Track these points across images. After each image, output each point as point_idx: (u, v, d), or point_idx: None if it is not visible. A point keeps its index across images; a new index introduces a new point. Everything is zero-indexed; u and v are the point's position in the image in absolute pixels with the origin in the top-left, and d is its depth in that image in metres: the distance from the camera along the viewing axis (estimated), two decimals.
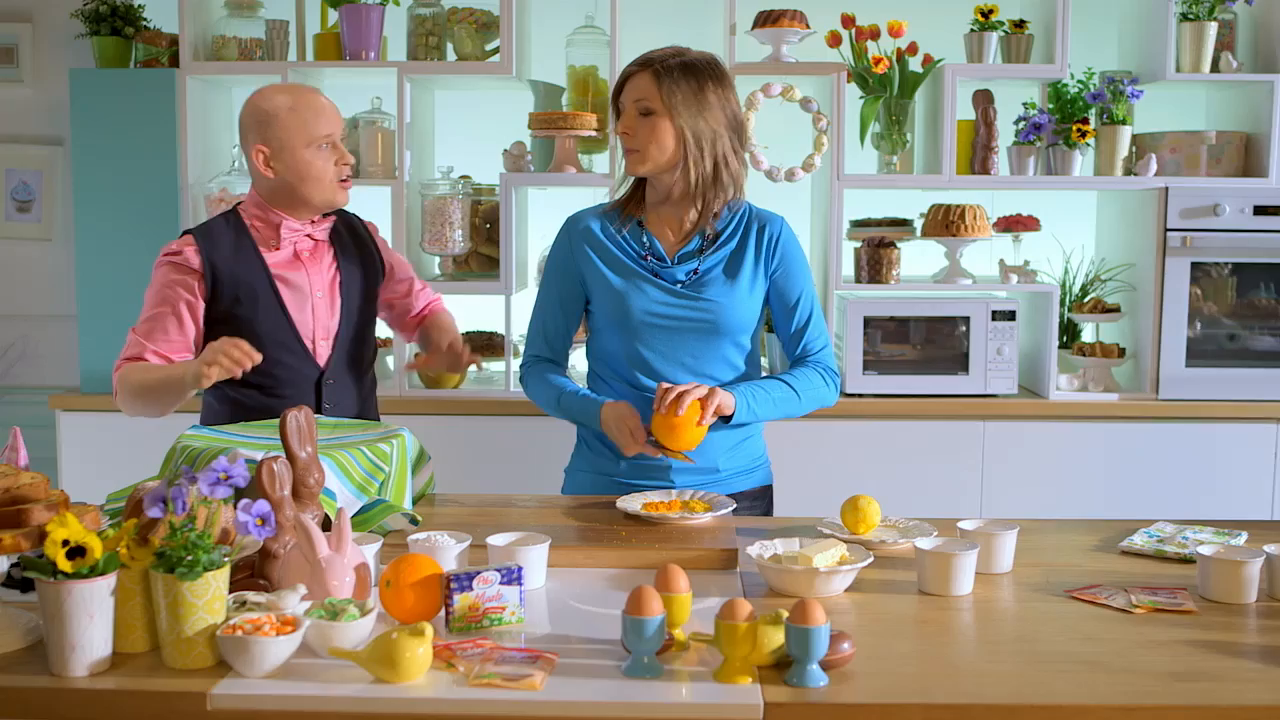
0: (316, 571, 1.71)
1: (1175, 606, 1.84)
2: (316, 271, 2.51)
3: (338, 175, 2.45)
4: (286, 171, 2.42)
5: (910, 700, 1.50)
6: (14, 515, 1.63)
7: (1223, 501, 3.58)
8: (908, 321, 3.70)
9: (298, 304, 2.47)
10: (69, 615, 1.52)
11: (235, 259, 2.45)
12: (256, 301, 2.44)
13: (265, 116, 2.41)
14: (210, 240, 2.46)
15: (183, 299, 2.43)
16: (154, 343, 2.43)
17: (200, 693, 1.50)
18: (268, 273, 2.46)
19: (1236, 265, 3.65)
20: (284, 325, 2.46)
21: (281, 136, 2.40)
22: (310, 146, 2.41)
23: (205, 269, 2.43)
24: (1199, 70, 3.63)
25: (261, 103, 2.43)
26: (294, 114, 2.40)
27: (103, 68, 3.73)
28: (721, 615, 1.55)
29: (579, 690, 1.53)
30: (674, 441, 2.27)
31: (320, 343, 2.50)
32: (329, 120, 2.44)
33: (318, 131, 2.41)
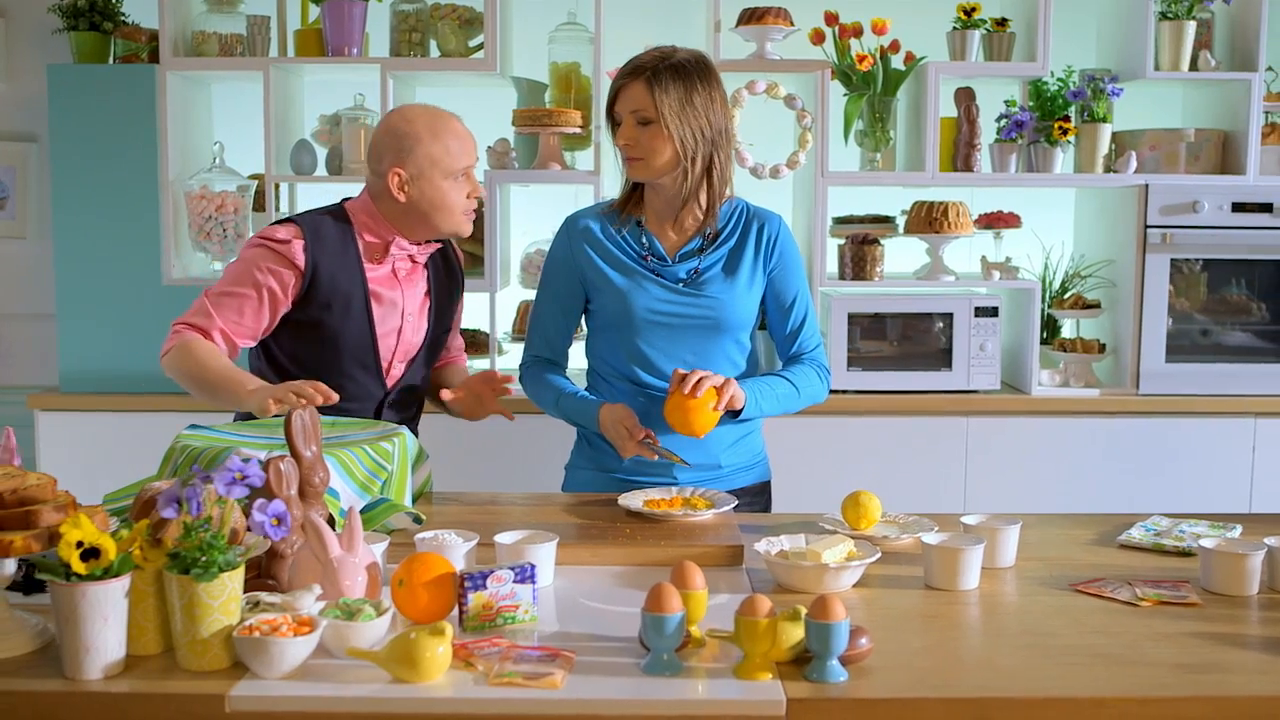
0: (328, 571, 1.70)
1: (1180, 599, 1.86)
2: (411, 293, 2.47)
3: (468, 206, 2.42)
4: (421, 199, 2.37)
5: (931, 694, 1.51)
6: (22, 517, 1.60)
7: (1202, 495, 3.62)
8: (891, 318, 3.72)
9: (387, 323, 2.44)
10: (83, 617, 1.50)
11: (338, 265, 2.39)
12: (348, 313, 2.39)
13: (408, 141, 2.36)
14: (319, 240, 2.39)
15: (271, 289, 2.36)
16: (223, 319, 2.35)
17: (218, 694, 1.49)
18: (365, 287, 2.41)
19: (1215, 261, 3.70)
20: (367, 343, 2.42)
21: (422, 163, 2.36)
22: (449, 178, 2.37)
23: (307, 269, 2.37)
24: (1178, 69, 3.67)
25: (404, 125, 2.37)
26: (437, 142, 2.35)
27: (81, 63, 3.68)
28: (742, 611, 1.55)
29: (599, 688, 1.53)
30: (686, 425, 2.27)
31: (396, 364, 2.47)
32: (469, 152, 2.40)
33: (459, 164, 2.37)
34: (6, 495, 1.63)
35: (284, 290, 2.37)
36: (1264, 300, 3.73)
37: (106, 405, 3.62)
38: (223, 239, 3.63)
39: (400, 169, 2.37)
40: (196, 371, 2.31)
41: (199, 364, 2.31)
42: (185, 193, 3.64)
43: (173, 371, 2.37)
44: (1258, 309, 3.74)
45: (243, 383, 2.23)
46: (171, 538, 1.60)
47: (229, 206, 3.62)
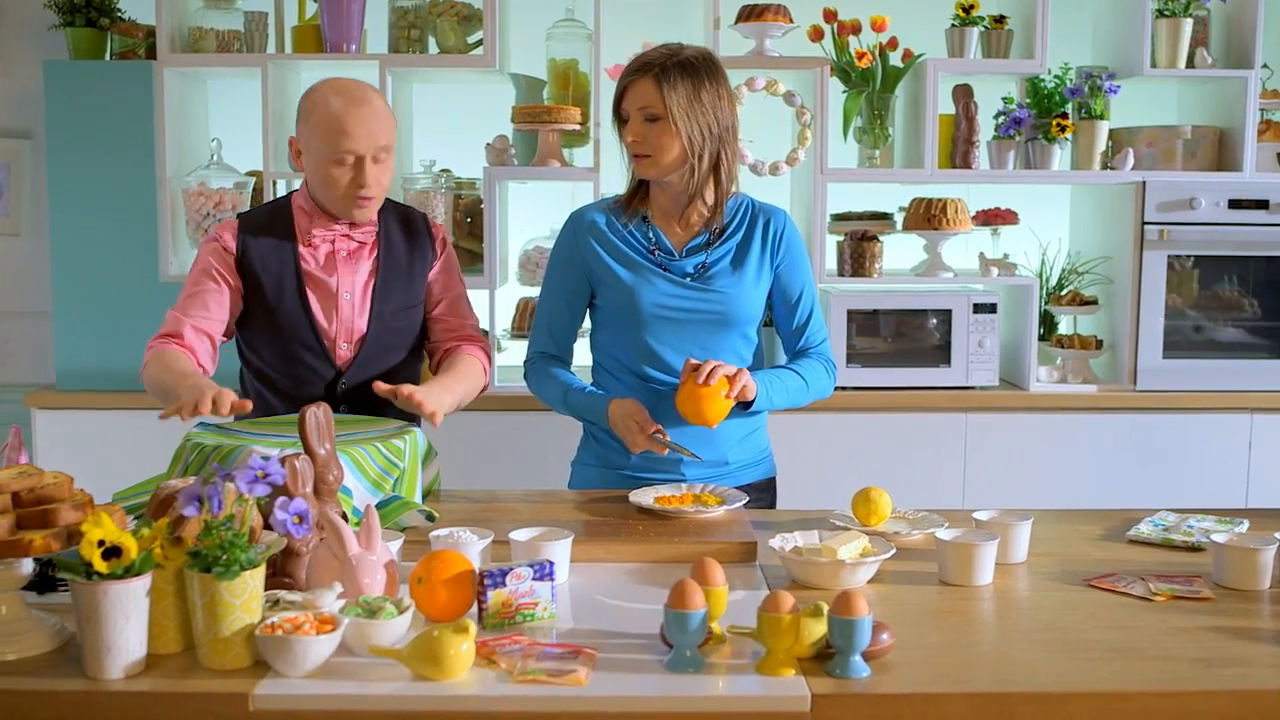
0: (347, 569, 1.69)
1: (1193, 594, 1.87)
2: (350, 272, 2.44)
3: (351, 192, 2.37)
4: (310, 173, 2.39)
5: (954, 689, 1.52)
6: (40, 515, 1.59)
7: (1199, 490, 3.64)
8: (890, 314, 3.73)
9: (323, 304, 2.43)
10: (105, 617, 1.49)
11: (269, 249, 2.42)
12: (281, 295, 2.41)
13: (303, 111, 2.37)
14: (250, 225, 2.44)
15: (220, 277, 2.41)
16: (191, 317, 2.38)
17: (242, 693, 1.48)
18: (297, 269, 2.41)
19: (1211, 258, 3.72)
20: (304, 324, 2.42)
21: (307, 136, 2.36)
22: (331, 157, 2.34)
23: (237, 251, 2.41)
24: (1175, 66, 3.69)
25: (312, 95, 2.37)
26: (325, 123, 2.32)
27: (77, 59, 3.66)
28: (765, 608, 1.56)
29: (623, 685, 1.53)
30: (699, 415, 2.27)
31: (341, 344, 2.44)
32: (356, 139, 2.32)
33: (339, 147, 2.32)
34: (23, 494, 1.62)
35: (232, 274, 2.41)
36: (1260, 296, 3.75)
37: (104, 403, 3.60)
38: None
39: (296, 139, 2.41)
40: (157, 377, 2.30)
41: (161, 370, 2.30)
42: (183, 190, 3.62)
43: (147, 386, 2.36)
44: (1254, 305, 3.76)
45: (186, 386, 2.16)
46: (192, 536, 1.59)
47: (227, 203, 3.60)
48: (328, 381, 2.45)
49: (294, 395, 2.42)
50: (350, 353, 2.45)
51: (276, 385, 2.46)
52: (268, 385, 2.47)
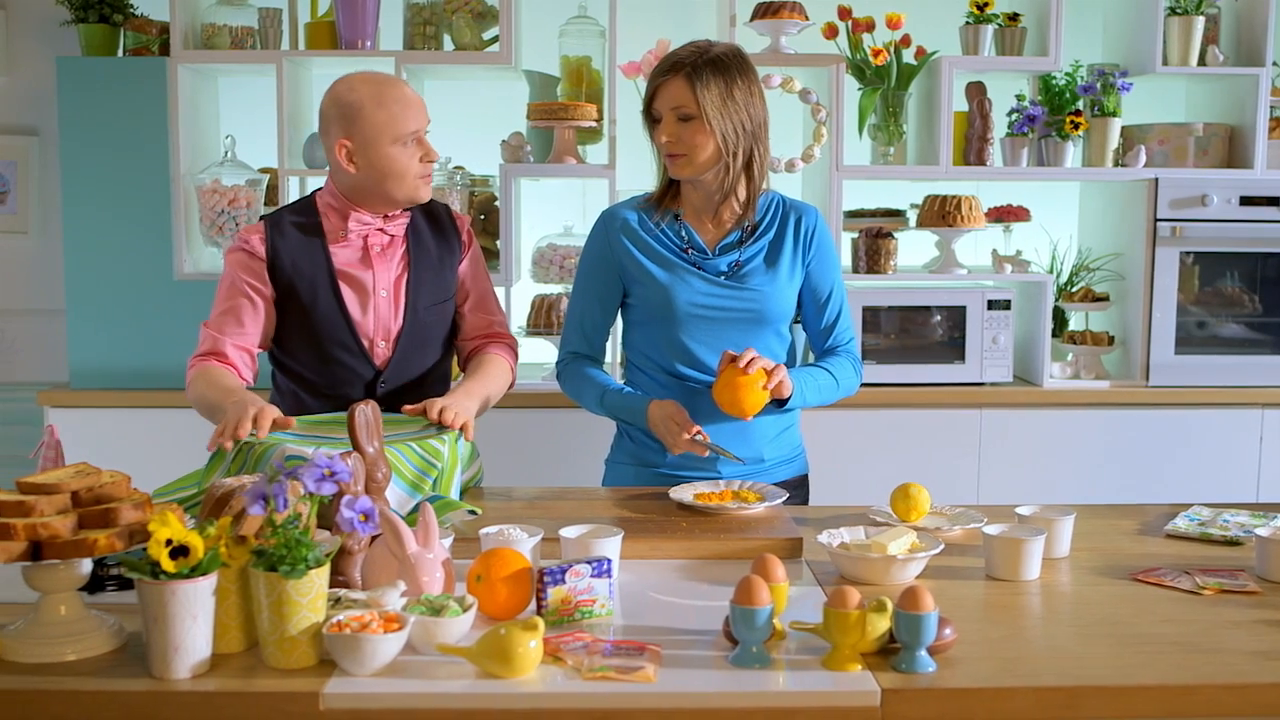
0: (406, 568, 1.69)
1: (1240, 588, 1.89)
2: (384, 269, 2.41)
3: (421, 171, 2.36)
4: (369, 168, 2.33)
5: (1021, 684, 1.52)
6: (102, 515, 1.59)
7: (1210, 485, 3.66)
8: (905, 311, 3.74)
9: (359, 303, 2.40)
10: (173, 616, 1.49)
11: (300, 249, 2.38)
12: (315, 296, 2.37)
13: (350, 110, 2.31)
14: (279, 228, 2.39)
15: (252, 286, 2.37)
16: (229, 335, 2.36)
17: (312, 693, 1.48)
18: (330, 268, 2.38)
19: (1223, 255, 3.74)
20: (341, 324, 2.38)
21: (366, 132, 2.30)
22: (396, 143, 2.32)
23: (268, 256, 2.37)
24: (1187, 64, 3.71)
25: (346, 94, 2.32)
26: (380, 108, 2.30)
27: (89, 56, 3.63)
28: (832, 603, 1.56)
29: (691, 681, 1.53)
30: (736, 404, 2.27)
31: (380, 343, 2.42)
32: (415, 115, 2.33)
33: (404, 128, 2.31)
34: (82, 493, 1.62)
35: (264, 283, 2.38)
36: (1271, 292, 3.78)
37: (118, 402, 3.58)
38: (235, 233, 3.59)
39: (346, 140, 2.32)
40: (201, 393, 2.30)
41: (206, 387, 2.30)
42: (197, 187, 3.60)
43: (193, 404, 2.35)
44: (1265, 301, 3.78)
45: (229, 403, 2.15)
46: (255, 534, 1.58)
47: (241, 200, 3.59)
48: (367, 382, 2.41)
49: (333, 397, 2.38)
50: (388, 351, 2.42)
51: (315, 388, 2.41)
52: (305, 388, 2.43)
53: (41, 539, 1.52)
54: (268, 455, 2.00)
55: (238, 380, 2.32)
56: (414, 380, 2.45)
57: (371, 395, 2.40)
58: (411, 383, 2.45)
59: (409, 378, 2.45)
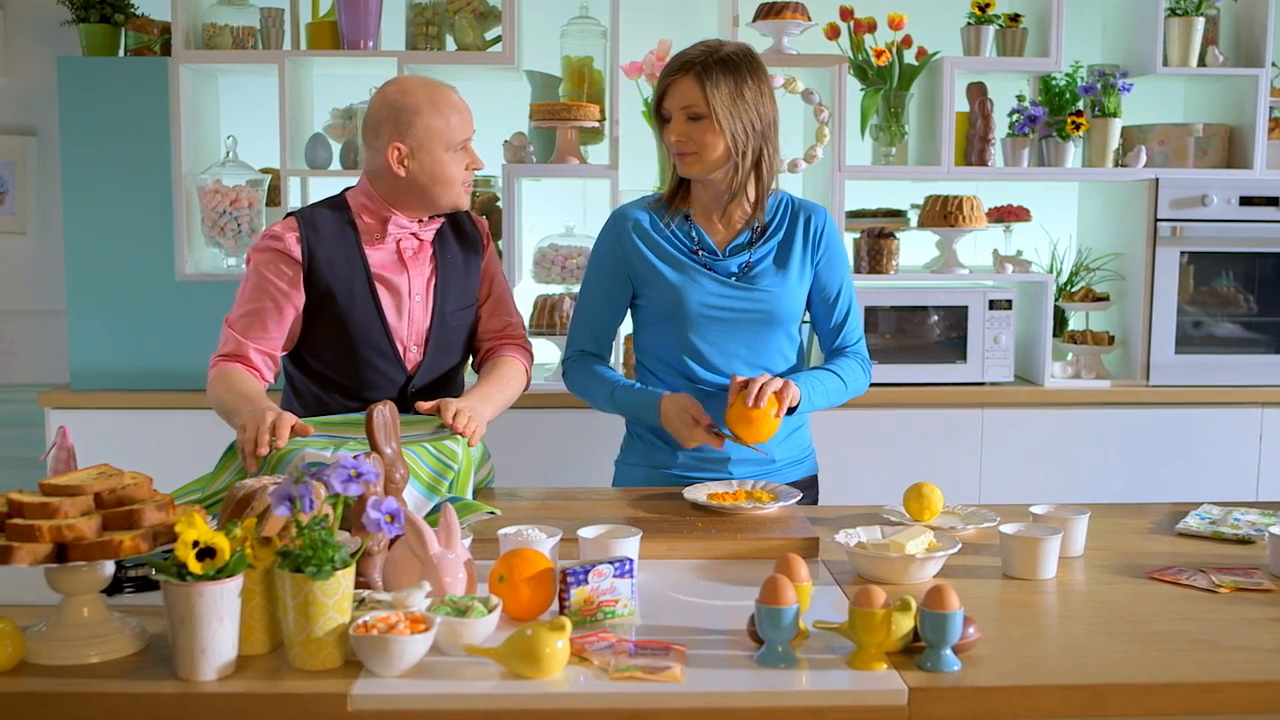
0: (429, 569, 1.68)
1: (1255, 586, 1.90)
2: (417, 273, 2.40)
3: (466, 178, 2.37)
4: (420, 172, 2.31)
5: (1046, 681, 1.53)
6: (125, 516, 1.58)
7: (1210, 483, 3.68)
8: (907, 311, 3.75)
9: (394, 306, 2.38)
10: (200, 618, 1.48)
11: (336, 252, 2.35)
12: (352, 300, 2.34)
13: (406, 113, 2.29)
14: (314, 228, 2.36)
15: (281, 291, 2.33)
16: (253, 340, 2.33)
17: (340, 694, 1.47)
18: (367, 271, 2.35)
19: (1223, 254, 3.76)
20: (378, 328, 2.36)
21: (421, 136, 2.30)
22: (449, 149, 2.32)
23: (304, 258, 2.33)
24: (1187, 64, 3.73)
25: (401, 97, 2.31)
26: (437, 114, 2.30)
27: (90, 56, 3.62)
28: (858, 603, 1.57)
29: (718, 681, 1.53)
30: (750, 434, 2.27)
31: (412, 347, 2.41)
32: (467, 123, 2.34)
33: (458, 135, 2.31)
34: (105, 495, 1.61)
35: (292, 287, 2.34)
36: (1271, 292, 3.79)
37: (119, 403, 3.57)
38: (237, 234, 3.59)
39: (400, 143, 2.31)
40: (220, 397, 2.29)
41: (225, 390, 2.29)
42: (198, 187, 3.59)
43: (212, 405, 2.34)
44: (1265, 301, 3.80)
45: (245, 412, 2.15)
46: (280, 535, 1.58)
47: (243, 201, 3.58)
48: (399, 385, 2.40)
49: (362, 399, 2.33)
50: (419, 355, 2.41)
51: (342, 390, 2.39)
52: (330, 389, 2.40)
53: (66, 541, 1.52)
54: (287, 459, 1.99)
55: (257, 384, 2.30)
56: (440, 384, 2.45)
57: (402, 399, 2.38)
58: (438, 386, 2.44)
59: (437, 380, 2.45)
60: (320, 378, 2.41)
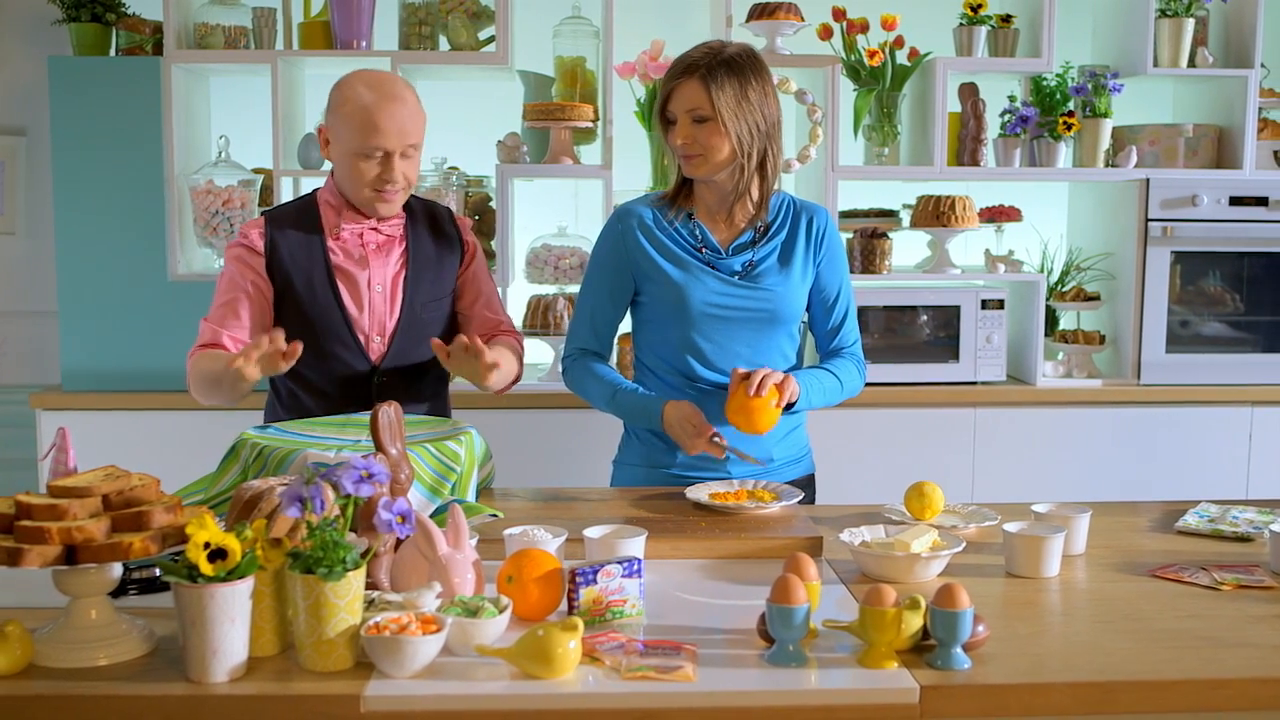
0: (438, 569, 1.68)
1: (1257, 583, 1.91)
2: (380, 265, 2.43)
3: (376, 186, 2.36)
4: (337, 163, 2.39)
5: (1056, 679, 1.54)
6: (134, 518, 1.58)
7: (1201, 482, 3.70)
8: (900, 310, 3.76)
9: (354, 297, 2.42)
10: (211, 620, 1.48)
11: (298, 244, 2.40)
12: (312, 291, 2.40)
13: (335, 102, 2.35)
14: (277, 223, 2.42)
15: (253, 282, 2.39)
16: (228, 328, 2.38)
17: (352, 695, 1.47)
18: (327, 263, 2.40)
19: (1213, 254, 3.79)
20: (337, 317, 2.40)
21: (337, 128, 2.34)
22: (358, 153, 2.32)
23: (266, 250, 2.39)
24: (1177, 65, 3.75)
25: (343, 86, 2.35)
26: (358, 114, 2.30)
27: (81, 55, 3.60)
28: (869, 601, 1.57)
29: (730, 680, 1.53)
30: (750, 425, 2.28)
31: (375, 338, 2.43)
32: (387, 136, 2.30)
33: (367, 142, 2.31)
34: (113, 496, 1.61)
35: (262, 277, 2.40)
36: (1260, 292, 3.82)
37: (111, 404, 3.55)
38: (229, 234, 3.57)
39: (325, 129, 2.39)
40: (206, 379, 2.32)
41: (204, 370, 2.33)
42: (190, 188, 3.57)
43: (196, 392, 2.38)
44: (1255, 300, 3.83)
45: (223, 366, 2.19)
46: (290, 536, 1.58)
47: (236, 201, 3.56)
48: (363, 375, 2.43)
49: (329, 392, 2.41)
50: (383, 346, 2.44)
51: (311, 383, 2.44)
52: (301, 384, 2.45)
53: (76, 543, 1.51)
54: (289, 460, 1.99)
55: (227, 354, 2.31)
56: (411, 375, 2.47)
57: (367, 390, 2.42)
58: (408, 378, 2.47)
59: (408, 372, 2.47)
60: (294, 374, 2.44)
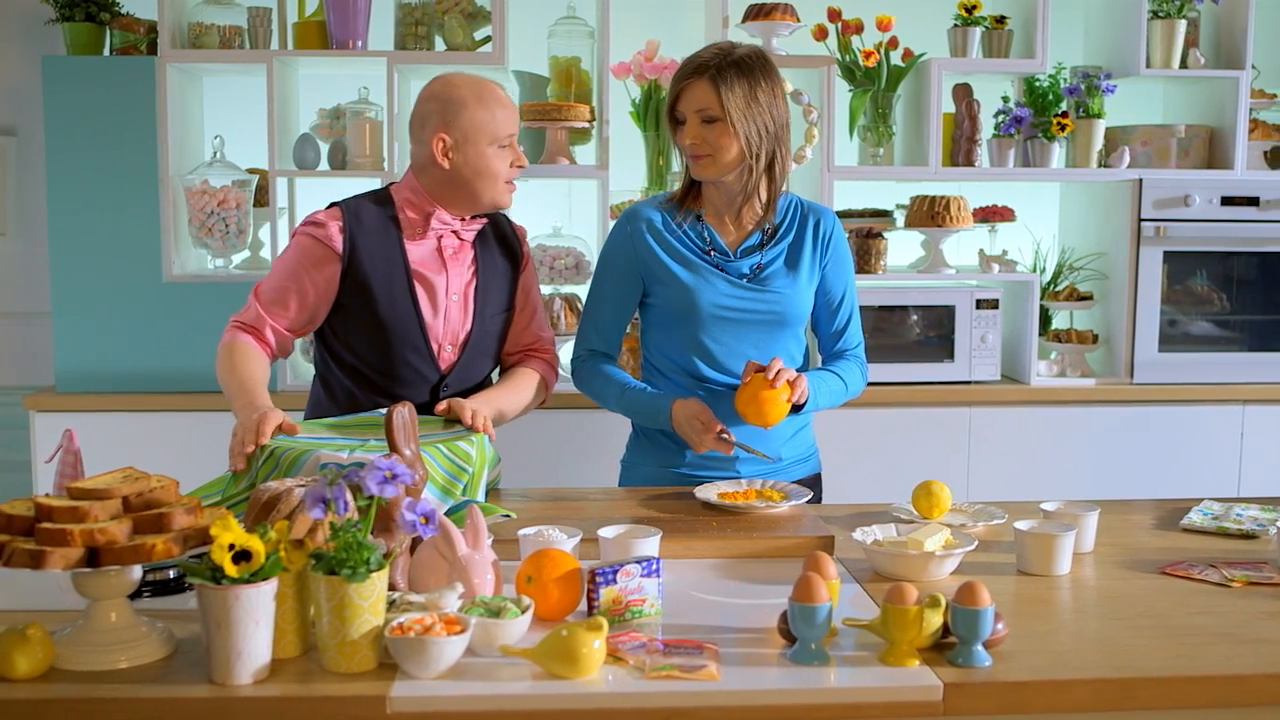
0: (458, 570, 1.68)
1: (1266, 580, 1.93)
2: (456, 273, 2.40)
3: (509, 175, 2.37)
4: (464, 165, 2.33)
5: (1076, 676, 1.55)
6: (155, 520, 1.57)
7: (1193, 480, 3.73)
8: (896, 310, 3.77)
9: (431, 305, 2.38)
10: (236, 622, 1.47)
11: (377, 245, 2.35)
12: (391, 295, 2.35)
13: (453, 105, 2.32)
14: (357, 220, 2.36)
15: (310, 276, 2.34)
16: (272, 315, 2.35)
17: (378, 696, 1.47)
18: (407, 267, 2.36)
19: (1205, 254, 3.82)
20: (414, 324, 2.36)
21: (467, 129, 2.31)
22: (494, 144, 2.32)
23: (345, 250, 2.34)
24: (1169, 66, 3.78)
25: (449, 90, 2.33)
26: (483, 107, 2.31)
27: (75, 55, 3.58)
28: (891, 600, 1.58)
29: (753, 679, 1.54)
30: (760, 416, 2.28)
31: (446, 347, 2.41)
32: (513, 119, 2.34)
33: (504, 129, 2.32)
34: (132, 498, 1.60)
35: (326, 277, 2.35)
36: (1251, 291, 3.86)
37: (105, 406, 3.53)
38: (225, 235, 3.56)
39: (445, 134, 2.32)
40: (224, 376, 2.31)
41: (227, 369, 2.30)
42: (186, 188, 3.56)
43: (217, 368, 2.35)
44: (1246, 300, 3.86)
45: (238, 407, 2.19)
46: (310, 537, 1.57)
47: (231, 201, 3.55)
48: (431, 385, 2.39)
49: (392, 396, 2.33)
50: (454, 355, 2.41)
51: (375, 385, 2.38)
52: (363, 384, 2.39)
53: (99, 545, 1.51)
54: (301, 461, 1.98)
55: (258, 367, 2.29)
56: (472, 387, 2.45)
57: (432, 399, 2.37)
58: (469, 389, 2.44)
59: (468, 384, 2.44)
60: (354, 372, 2.40)
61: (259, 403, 2.15)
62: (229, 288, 3.56)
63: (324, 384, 2.45)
